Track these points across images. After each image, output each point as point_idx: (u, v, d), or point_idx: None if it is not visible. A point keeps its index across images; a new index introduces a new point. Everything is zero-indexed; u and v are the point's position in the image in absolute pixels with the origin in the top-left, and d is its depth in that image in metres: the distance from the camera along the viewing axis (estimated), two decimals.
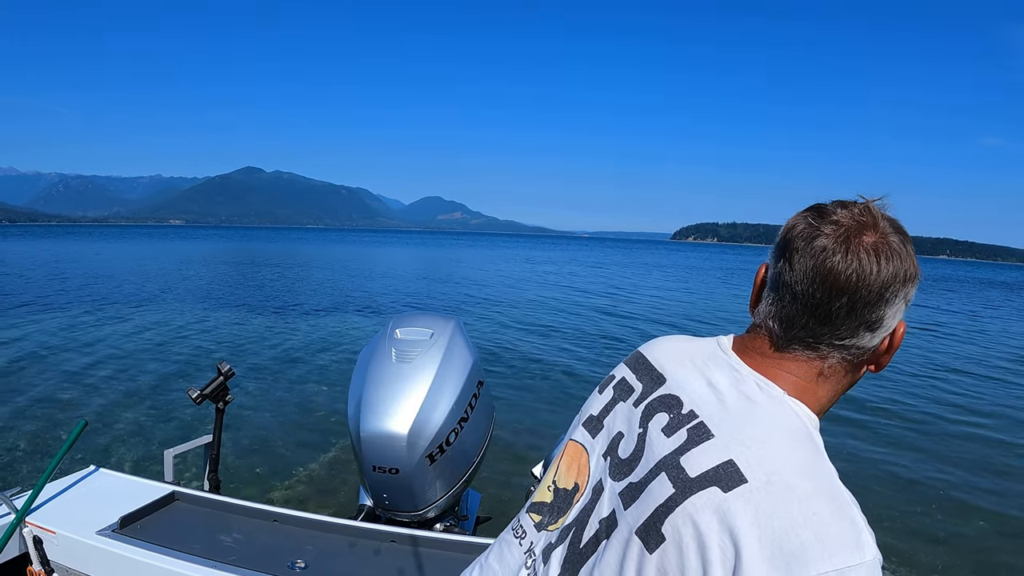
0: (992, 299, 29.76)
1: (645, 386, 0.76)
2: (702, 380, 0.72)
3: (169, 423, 5.71)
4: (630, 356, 0.84)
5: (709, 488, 0.61)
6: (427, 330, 1.86)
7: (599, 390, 0.83)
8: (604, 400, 0.81)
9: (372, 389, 1.74)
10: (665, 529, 0.62)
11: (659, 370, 0.76)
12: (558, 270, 32.96)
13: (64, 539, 1.52)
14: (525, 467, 2.17)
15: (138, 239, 71.51)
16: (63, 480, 1.80)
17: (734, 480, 0.61)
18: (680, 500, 0.62)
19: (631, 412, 0.75)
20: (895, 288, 0.65)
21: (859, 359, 0.69)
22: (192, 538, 1.52)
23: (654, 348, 0.81)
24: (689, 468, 0.64)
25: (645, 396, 0.75)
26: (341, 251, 51.78)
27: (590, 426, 0.80)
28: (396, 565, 1.47)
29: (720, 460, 0.62)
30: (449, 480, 1.82)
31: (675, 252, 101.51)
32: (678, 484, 0.63)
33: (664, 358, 0.78)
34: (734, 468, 0.61)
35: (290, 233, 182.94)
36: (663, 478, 0.65)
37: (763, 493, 0.59)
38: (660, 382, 0.75)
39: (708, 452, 0.64)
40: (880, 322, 0.67)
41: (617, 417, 0.76)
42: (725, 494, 0.60)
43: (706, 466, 0.63)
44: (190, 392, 1.91)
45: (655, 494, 0.64)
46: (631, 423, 0.74)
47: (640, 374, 0.78)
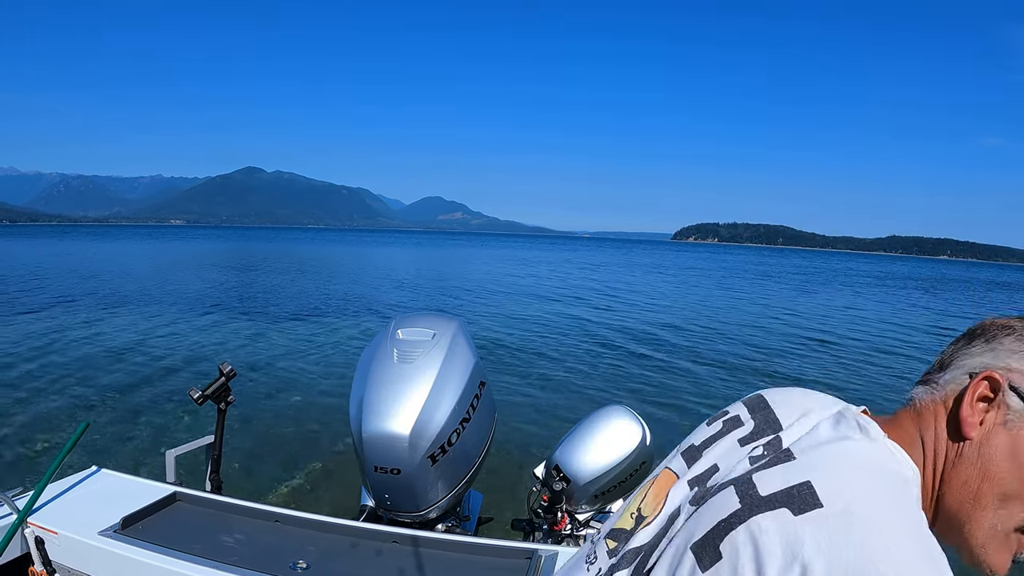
0: (997, 300, 29.70)
1: (757, 427, 0.71)
2: (811, 424, 0.68)
3: (171, 424, 5.72)
4: (750, 396, 0.79)
5: (778, 509, 0.57)
6: (429, 330, 1.86)
7: (707, 422, 0.79)
8: (710, 432, 0.76)
9: (374, 389, 1.74)
10: (723, 547, 0.58)
11: (778, 417, 0.72)
12: (550, 271, 32.89)
13: (66, 539, 1.52)
14: (527, 468, 2.17)
15: (139, 239, 71.60)
16: (65, 480, 1.80)
17: (807, 503, 0.56)
18: (744, 517, 0.58)
19: (733, 448, 0.71)
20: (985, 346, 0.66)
21: (939, 400, 0.67)
22: (194, 538, 1.52)
23: (778, 395, 0.76)
24: (761, 486, 0.60)
25: (754, 438, 0.70)
26: (341, 251, 51.80)
27: (688, 455, 0.76)
28: (398, 566, 1.47)
29: (796, 481, 0.58)
30: (451, 481, 1.82)
31: (675, 252, 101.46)
32: (745, 500, 0.59)
33: (787, 407, 0.73)
34: (809, 491, 0.57)
35: (291, 233, 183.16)
36: (730, 492, 0.61)
37: (839, 521, 0.54)
38: (775, 428, 0.70)
39: (785, 472, 0.60)
40: (952, 361, 0.68)
41: (717, 450, 0.72)
42: (795, 517, 0.55)
43: (779, 486, 0.59)
44: (192, 393, 1.91)
45: (717, 507, 0.61)
46: (730, 459, 0.69)
47: (756, 415, 0.74)
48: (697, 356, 10.15)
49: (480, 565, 1.47)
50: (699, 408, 7.02)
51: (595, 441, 1.96)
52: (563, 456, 1.98)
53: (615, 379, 8.33)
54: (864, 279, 41.10)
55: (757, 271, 44.32)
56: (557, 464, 1.98)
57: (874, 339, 13.28)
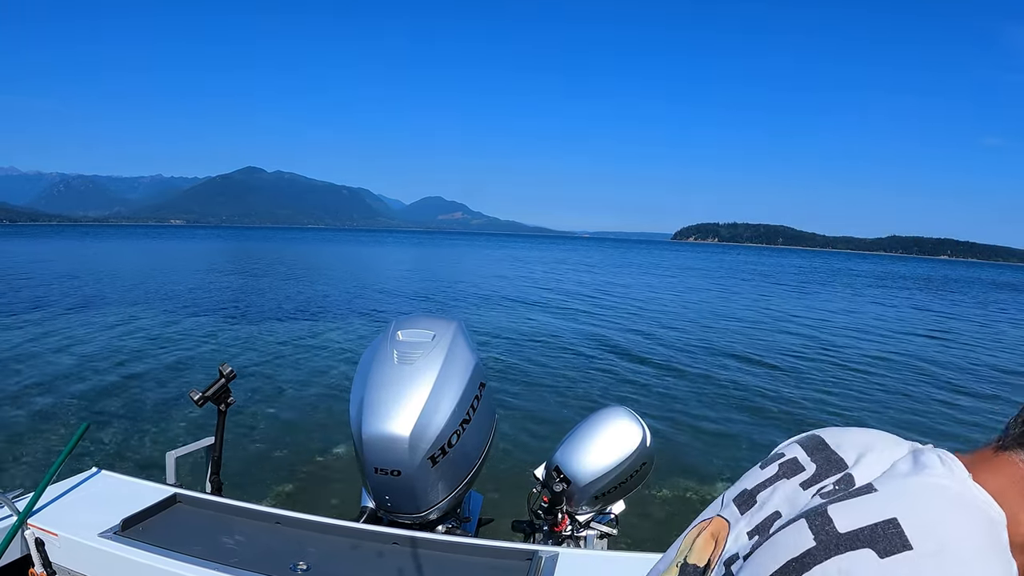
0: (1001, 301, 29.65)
1: (820, 469, 0.65)
2: (887, 462, 0.61)
3: (171, 425, 5.72)
4: (804, 436, 0.73)
5: (861, 549, 0.51)
6: (429, 332, 1.85)
7: (760, 466, 0.72)
8: (765, 475, 0.70)
9: (374, 391, 1.74)
10: None
11: (841, 456, 0.65)
12: (544, 272, 32.85)
13: (66, 541, 1.52)
14: (527, 469, 2.16)
15: (139, 239, 71.62)
16: (65, 482, 1.79)
17: (895, 545, 0.50)
18: (821, 558, 0.51)
19: (797, 493, 0.64)
20: None
21: None
22: (194, 540, 1.52)
23: (837, 434, 0.70)
24: (839, 521, 0.53)
25: (818, 479, 0.64)
26: (339, 251, 51.82)
27: (740, 500, 0.69)
28: (398, 567, 1.47)
29: (880, 518, 0.52)
30: (451, 482, 1.82)
31: (674, 252, 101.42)
32: (821, 536, 0.53)
33: (848, 446, 0.67)
34: (896, 530, 0.51)
35: (291, 233, 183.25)
36: (801, 526, 0.55)
37: (931, 565, 0.48)
38: (840, 468, 0.64)
39: (866, 505, 0.54)
40: None
41: (776, 494, 0.65)
42: (882, 560, 0.49)
43: (861, 522, 0.52)
44: (192, 394, 1.91)
45: (787, 545, 0.54)
46: (794, 504, 0.62)
47: (815, 457, 0.67)
48: (695, 355, 10.15)
49: (480, 566, 1.47)
50: (700, 407, 7.02)
51: (595, 442, 1.95)
52: (563, 457, 1.98)
53: (615, 380, 8.33)
54: (864, 279, 41.09)
55: (754, 271, 44.28)
56: (557, 465, 1.98)
57: (877, 344, 13.28)
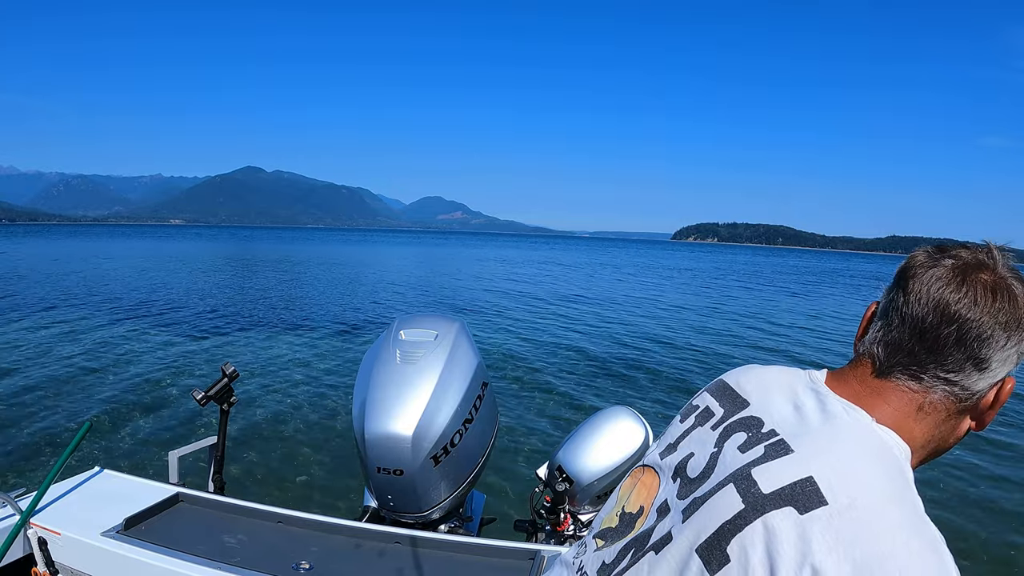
0: None
1: (726, 410, 0.73)
2: (788, 404, 0.68)
3: (174, 424, 5.72)
4: (712, 383, 0.81)
5: (784, 508, 0.57)
6: (431, 331, 1.85)
7: (680, 419, 0.80)
8: (684, 427, 0.77)
9: (376, 390, 1.74)
10: (731, 549, 0.57)
11: (743, 395, 0.73)
12: (538, 272, 32.82)
13: (69, 540, 1.52)
14: (529, 468, 2.17)
15: (139, 239, 71.70)
16: (68, 481, 1.80)
17: (813, 501, 0.56)
18: (750, 518, 0.58)
19: (708, 434, 0.72)
20: (1009, 332, 0.63)
21: (963, 403, 0.66)
22: (196, 539, 1.52)
23: (739, 375, 0.78)
24: (762, 483, 0.59)
25: (725, 419, 0.72)
26: (341, 251, 51.85)
27: (666, 452, 0.76)
28: (400, 566, 1.47)
29: (798, 476, 0.58)
30: (454, 481, 1.82)
31: (672, 252, 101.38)
32: (748, 499, 0.59)
33: (749, 384, 0.75)
34: (813, 487, 0.57)
35: (291, 233, 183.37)
36: (731, 490, 0.61)
37: (845, 518, 0.55)
38: (743, 406, 0.71)
39: (785, 467, 0.60)
40: (988, 364, 0.64)
41: (693, 440, 0.73)
42: (802, 516, 0.56)
43: (782, 482, 0.58)
44: (194, 394, 1.91)
45: (720, 508, 0.60)
46: (705, 443, 0.70)
47: (722, 400, 0.75)
48: (696, 355, 10.15)
49: (483, 566, 1.47)
50: None
51: (598, 442, 1.95)
52: (566, 457, 1.98)
53: (616, 380, 8.33)
54: (865, 278, 41.04)
55: (746, 271, 44.25)
56: (560, 465, 1.97)
57: None
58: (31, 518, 1.56)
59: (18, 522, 1.53)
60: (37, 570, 1.55)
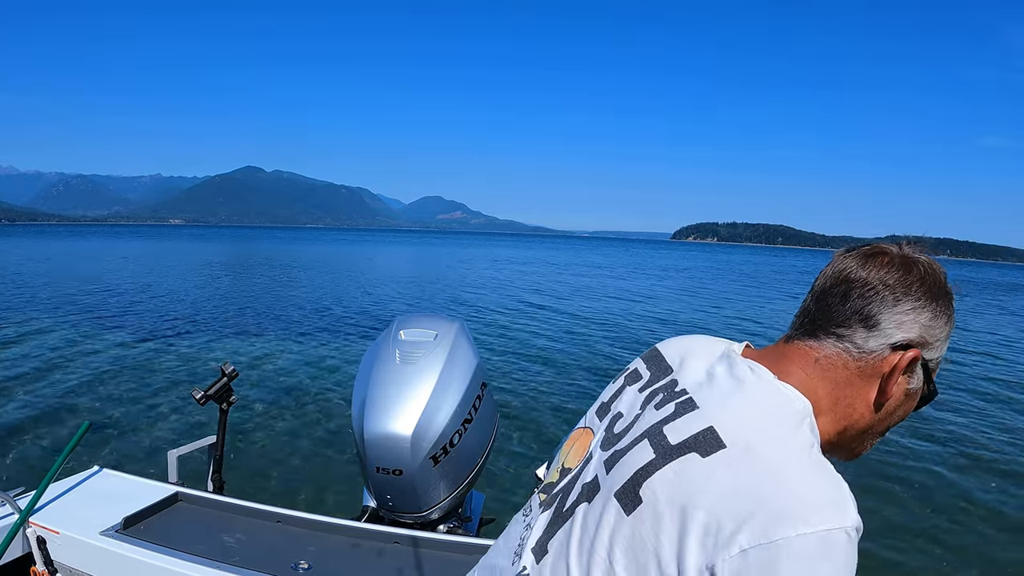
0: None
1: (652, 375, 0.80)
2: (703, 368, 0.75)
3: (173, 424, 5.72)
4: (647, 351, 0.88)
5: (688, 454, 0.63)
6: (431, 331, 1.86)
7: (613, 380, 0.88)
8: (615, 388, 0.85)
9: (376, 390, 1.74)
10: (643, 492, 0.64)
11: (668, 362, 0.80)
12: (536, 272, 32.86)
13: (68, 539, 1.52)
14: (528, 469, 2.16)
15: (139, 239, 71.66)
16: (67, 480, 1.80)
17: (713, 446, 0.62)
18: (660, 465, 0.64)
19: (635, 396, 0.79)
20: (897, 294, 0.68)
21: (858, 362, 0.69)
22: (195, 539, 1.52)
23: (669, 344, 0.86)
24: (671, 436, 0.66)
25: (651, 383, 0.79)
26: (341, 251, 51.83)
27: (600, 412, 0.84)
28: (399, 567, 1.47)
29: (701, 427, 0.65)
30: (453, 482, 1.82)
31: (671, 252, 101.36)
32: (659, 450, 0.66)
33: (675, 352, 0.82)
34: (713, 435, 0.63)
35: (291, 233, 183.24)
36: (645, 444, 0.68)
37: (741, 458, 0.61)
38: (667, 372, 0.78)
39: (690, 421, 0.66)
40: (877, 322, 0.68)
41: (622, 401, 0.81)
42: (704, 459, 0.62)
43: (688, 433, 0.65)
44: (194, 393, 1.91)
45: (635, 459, 0.67)
46: (632, 405, 0.78)
47: (651, 365, 0.83)
48: None
49: None
50: None
51: None
52: None
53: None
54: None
55: (746, 271, 44.27)
56: None
57: None
58: (30, 517, 1.56)
59: (17, 521, 1.53)
60: (36, 569, 1.55)
